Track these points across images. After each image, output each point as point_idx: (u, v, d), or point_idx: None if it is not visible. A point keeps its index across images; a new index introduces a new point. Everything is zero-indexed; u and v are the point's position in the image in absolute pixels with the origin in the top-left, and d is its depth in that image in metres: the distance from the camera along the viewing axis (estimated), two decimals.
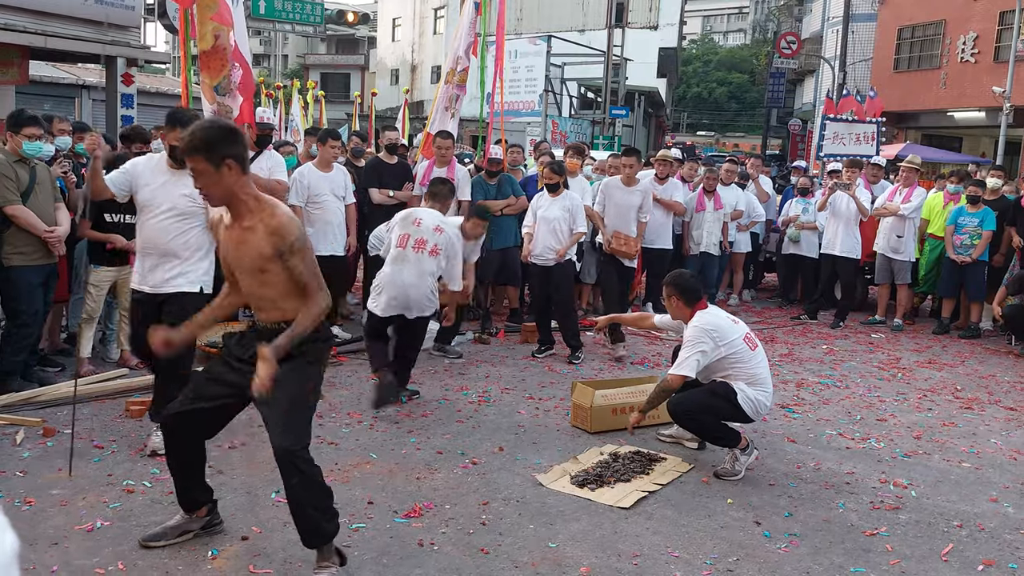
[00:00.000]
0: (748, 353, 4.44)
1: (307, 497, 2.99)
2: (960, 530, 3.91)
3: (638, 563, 3.41)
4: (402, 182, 7.71)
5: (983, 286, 8.60)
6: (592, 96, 27.13)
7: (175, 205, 4.33)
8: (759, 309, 9.98)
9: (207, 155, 2.92)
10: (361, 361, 6.36)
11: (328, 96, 23.72)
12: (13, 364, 5.24)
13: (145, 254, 4.39)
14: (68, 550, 3.30)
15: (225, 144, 2.95)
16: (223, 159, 2.93)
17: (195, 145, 2.93)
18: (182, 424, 3.22)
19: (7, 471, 4.05)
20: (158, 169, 4.38)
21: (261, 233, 2.99)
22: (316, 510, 2.99)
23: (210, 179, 2.95)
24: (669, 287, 4.59)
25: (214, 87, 6.49)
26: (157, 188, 4.33)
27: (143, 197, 4.36)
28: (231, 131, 3.04)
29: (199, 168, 2.94)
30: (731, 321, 4.54)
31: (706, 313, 4.50)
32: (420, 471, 4.31)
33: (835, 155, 10.72)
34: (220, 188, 2.97)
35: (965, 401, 6.21)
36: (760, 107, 47.04)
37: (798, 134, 32.60)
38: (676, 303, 4.56)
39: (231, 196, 3.01)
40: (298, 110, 15.90)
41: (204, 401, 3.19)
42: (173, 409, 3.24)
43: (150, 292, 4.37)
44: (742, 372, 4.41)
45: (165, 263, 4.36)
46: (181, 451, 3.28)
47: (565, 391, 5.68)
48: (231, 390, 3.16)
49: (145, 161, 4.47)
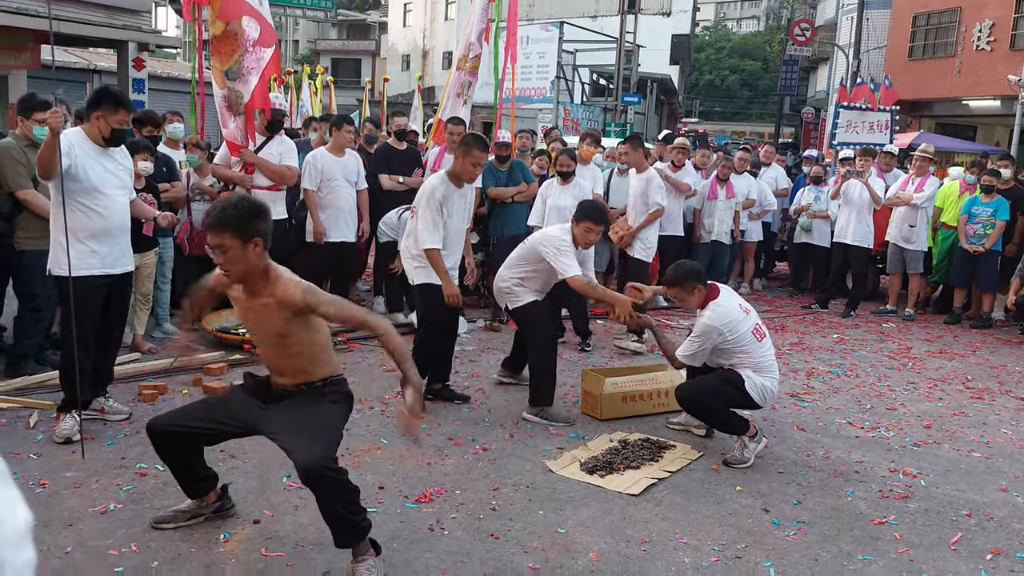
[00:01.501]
0: (754, 344, 4.44)
1: (339, 500, 2.93)
2: (969, 519, 3.91)
3: (647, 549, 3.43)
4: (411, 168, 7.70)
5: (995, 276, 8.55)
6: (604, 83, 27.04)
7: (122, 181, 4.41)
8: (770, 298, 9.96)
9: (237, 232, 2.91)
10: (371, 348, 6.38)
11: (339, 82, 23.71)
12: (26, 347, 5.29)
13: (105, 236, 4.33)
14: (82, 531, 3.34)
15: (256, 221, 2.95)
16: (252, 237, 2.93)
17: (227, 222, 2.91)
18: (172, 438, 3.22)
19: (22, 453, 4.10)
20: (89, 148, 4.26)
21: (277, 308, 3.02)
22: (348, 511, 2.95)
23: (235, 255, 2.94)
24: (677, 287, 4.54)
25: (225, 72, 6.51)
26: (102, 169, 4.30)
27: (94, 180, 4.23)
28: (261, 209, 3.04)
29: (226, 244, 2.91)
30: (742, 311, 4.51)
31: (718, 305, 4.45)
32: (431, 457, 4.33)
33: (848, 143, 10.65)
34: (243, 265, 2.97)
35: (976, 391, 6.19)
36: (773, 95, 46.74)
37: (811, 122, 32.37)
38: (698, 291, 4.51)
39: (251, 273, 3.01)
40: (308, 96, 15.90)
41: (205, 423, 3.21)
42: (167, 423, 3.24)
43: (120, 274, 4.46)
44: (748, 360, 4.42)
45: (122, 240, 4.45)
46: (171, 457, 3.30)
47: (575, 378, 5.69)
48: (238, 424, 3.20)
49: (75, 139, 4.23)
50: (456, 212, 5.17)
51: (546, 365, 5.11)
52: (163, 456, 3.30)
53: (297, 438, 2.93)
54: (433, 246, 5.00)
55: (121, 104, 4.29)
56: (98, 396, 4.63)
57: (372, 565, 2.98)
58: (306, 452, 2.85)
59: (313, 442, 2.89)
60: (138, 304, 5.83)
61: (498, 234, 7.53)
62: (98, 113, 4.23)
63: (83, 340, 4.23)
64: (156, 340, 6.22)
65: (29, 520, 0.75)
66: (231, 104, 6.56)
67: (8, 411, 4.66)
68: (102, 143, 4.29)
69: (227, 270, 2.98)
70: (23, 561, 0.72)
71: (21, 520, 0.73)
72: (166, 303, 6.50)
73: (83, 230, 4.24)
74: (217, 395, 4.72)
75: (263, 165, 6.54)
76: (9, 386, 4.98)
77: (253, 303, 3.08)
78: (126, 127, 4.40)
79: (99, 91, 4.40)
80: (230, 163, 6.64)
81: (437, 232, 5.01)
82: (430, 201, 5.02)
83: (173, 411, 3.42)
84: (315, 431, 2.96)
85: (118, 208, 4.39)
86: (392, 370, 5.87)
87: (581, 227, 5.04)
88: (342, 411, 3.19)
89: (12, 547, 0.71)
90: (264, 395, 3.20)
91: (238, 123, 6.56)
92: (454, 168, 5.12)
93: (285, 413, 3.06)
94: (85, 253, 4.26)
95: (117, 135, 4.32)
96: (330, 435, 3.03)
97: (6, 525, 0.71)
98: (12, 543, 0.71)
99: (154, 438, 3.23)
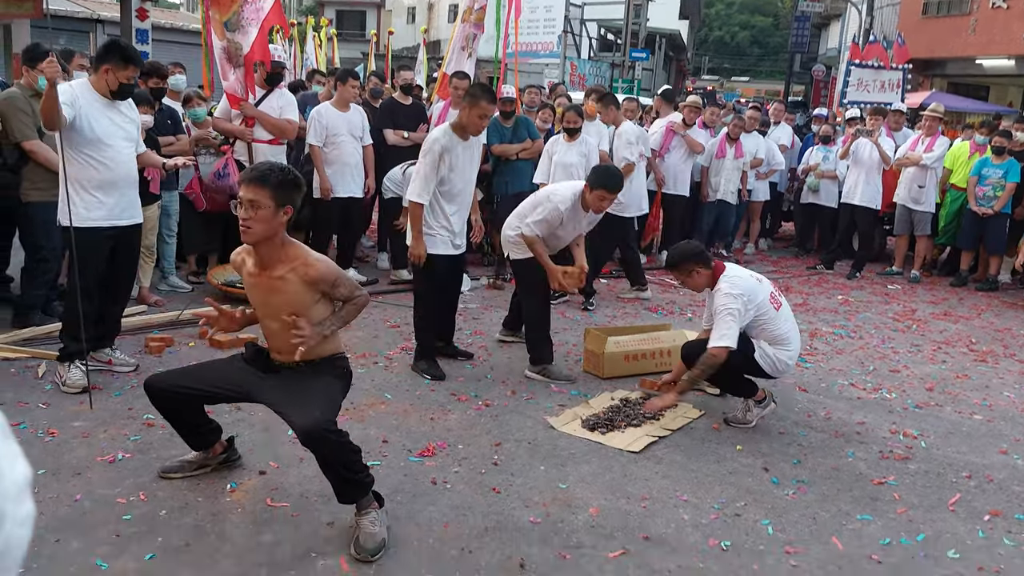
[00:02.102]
0: (772, 312, 4.34)
1: (341, 462, 2.94)
2: (969, 481, 3.94)
3: (646, 506, 3.47)
4: (417, 123, 7.64)
5: (1004, 239, 8.51)
6: (612, 38, 26.68)
7: (128, 134, 4.39)
8: (775, 258, 9.94)
9: (275, 194, 2.93)
10: (376, 304, 6.40)
11: (343, 34, 23.42)
12: (34, 298, 5.32)
13: (111, 187, 4.34)
14: (91, 480, 3.39)
15: (295, 192, 3.01)
16: (285, 204, 2.97)
17: (270, 180, 2.93)
18: (171, 396, 3.24)
19: (30, 403, 4.14)
20: (95, 100, 4.26)
21: (297, 283, 3.02)
22: (350, 471, 2.97)
23: (265, 214, 2.93)
24: (679, 268, 4.37)
25: (224, 23, 6.42)
26: (108, 122, 4.29)
27: (99, 131, 4.23)
28: (302, 184, 3.09)
29: (261, 201, 2.92)
30: (755, 280, 4.39)
31: (731, 276, 4.31)
32: (434, 412, 4.37)
33: (859, 102, 10.54)
34: (267, 228, 2.96)
35: (980, 354, 6.20)
36: (783, 52, 46.09)
37: (821, 80, 31.94)
38: (696, 273, 4.33)
39: (271, 239, 3.01)
40: (313, 48, 15.71)
41: (203, 386, 3.22)
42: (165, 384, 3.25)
43: (127, 226, 4.46)
44: (765, 333, 4.34)
45: (130, 192, 4.45)
46: (172, 414, 3.32)
47: (578, 337, 5.71)
48: (236, 391, 3.22)
49: (80, 91, 4.23)
50: (461, 166, 4.94)
51: (538, 320, 5.13)
52: (163, 413, 3.33)
53: (296, 405, 2.94)
54: (418, 200, 4.81)
55: (131, 60, 4.26)
56: (105, 347, 4.66)
57: (375, 518, 3.02)
58: (306, 416, 2.86)
59: (313, 407, 2.91)
60: (143, 256, 5.84)
61: (502, 192, 7.48)
62: (107, 67, 4.21)
63: (87, 290, 4.25)
64: (162, 293, 6.25)
65: (28, 474, 0.77)
66: (231, 56, 6.50)
67: (16, 361, 4.70)
68: (109, 96, 4.27)
69: (249, 227, 2.95)
70: (23, 514, 0.73)
71: (20, 474, 0.74)
72: (171, 257, 6.51)
73: (89, 181, 4.24)
74: (223, 347, 4.76)
75: (263, 119, 6.49)
76: (17, 336, 5.01)
77: (264, 276, 3.07)
78: (134, 82, 4.38)
79: (108, 44, 4.34)
80: (230, 116, 6.59)
81: (429, 185, 4.81)
82: (428, 152, 4.82)
83: (172, 372, 3.42)
84: (314, 398, 2.97)
85: (124, 160, 4.37)
86: (396, 326, 5.91)
87: (595, 194, 4.92)
88: (341, 385, 3.20)
89: (12, 500, 0.72)
90: (263, 365, 3.21)
91: (238, 75, 6.50)
92: (460, 120, 4.90)
93: (284, 383, 3.06)
94: (92, 204, 4.27)
95: (124, 89, 4.30)
96: (329, 402, 3.03)
97: (5, 479, 0.72)
98: (12, 496, 0.72)
99: (152, 397, 3.25)
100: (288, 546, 2.99)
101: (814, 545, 3.24)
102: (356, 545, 2.95)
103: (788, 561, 3.10)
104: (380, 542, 2.97)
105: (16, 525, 0.72)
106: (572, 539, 3.16)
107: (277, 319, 3.08)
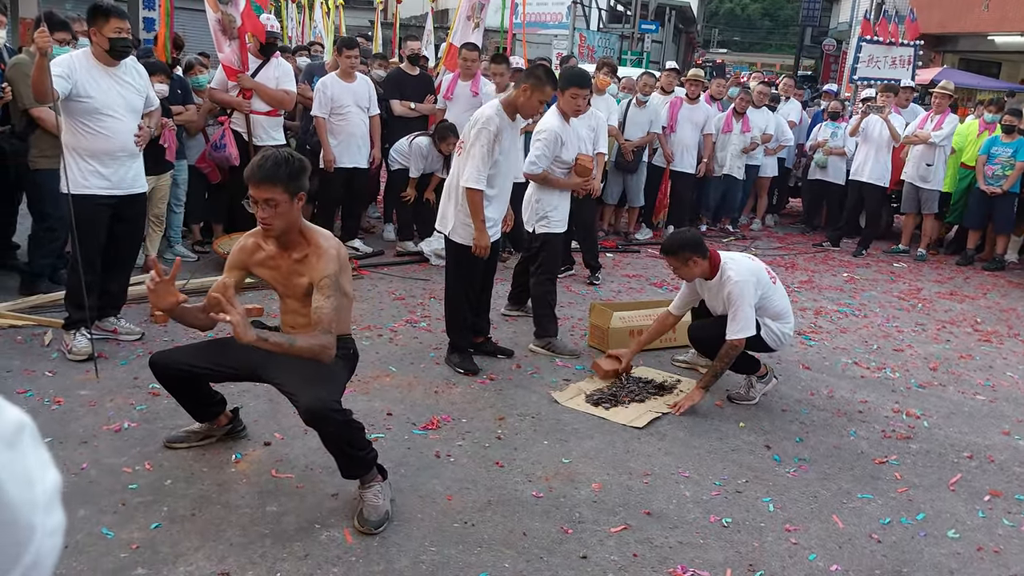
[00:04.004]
0: (771, 288, 4.35)
1: (345, 439, 2.95)
2: (970, 461, 3.96)
3: (648, 481, 3.49)
4: (424, 94, 7.60)
5: (1012, 218, 8.47)
6: (622, 9, 26.40)
7: (129, 103, 4.35)
8: (782, 235, 9.91)
9: (287, 188, 2.91)
10: (381, 275, 6.41)
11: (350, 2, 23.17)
12: (41, 266, 5.33)
13: (111, 157, 4.32)
14: (97, 448, 3.42)
15: (303, 177, 2.99)
16: (298, 192, 2.95)
17: (279, 177, 2.90)
18: (175, 374, 3.24)
19: (36, 371, 4.16)
20: (94, 68, 4.22)
21: (314, 260, 3.02)
22: (354, 448, 2.97)
23: (284, 209, 2.93)
24: (676, 256, 4.26)
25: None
26: (108, 90, 4.25)
27: (97, 102, 4.20)
28: (307, 167, 3.06)
29: (277, 199, 2.90)
30: (751, 260, 4.40)
31: (731, 261, 4.28)
32: (438, 385, 4.39)
33: (869, 79, 10.43)
34: (287, 219, 2.96)
35: (984, 334, 6.20)
36: (794, 25, 45.62)
37: (832, 55, 31.64)
38: (692, 263, 4.25)
39: (291, 228, 3.01)
40: (321, 17, 15.57)
41: (209, 364, 3.22)
42: (170, 361, 3.25)
43: (127, 195, 4.45)
44: (767, 310, 4.34)
45: (130, 161, 4.42)
46: (175, 389, 3.33)
47: (583, 311, 5.71)
48: (241, 370, 3.22)
49: (78, 61, 4.20)
50: (508, 150, 4.49)
51: (544, 296, 5.11)
52: (167, 388, 3.34)
53: (300, 384, 2.93)
54: (476, 186, 4.34)
55: (110, 12, 4.16)
56: (111, 316, 4.68)
57: (379, 490, 3.04)
58: (310, 394, 2.86)
59: (318, 387, 2.91)
60: (151, 225, 5.84)
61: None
62: (92, 29, 4.17)
63: (88, 259, 4.24)
64: (168, 261, 6.25)
65: (58, 482, 0.74)
66: (225, 28, 6.47)
67: (24, 329, 4.72)
68: (108, 59, 4.23)
69: (270, 224, 2.95)
70: (53, 524, 0.71)
71: (51, 483, 0.72)
72: (179, 226, 6.52)
73: (86, 150, 4.23)
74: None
75: (261, 90, 6.47)
76: (24, 304, 5.03)
77: (284, 259, 3.08)
78: (124, 35, 4.22)
79: (89, 7, 4.28)
80: (227, 87, 6.55)
81: (486, 168, 4.35)
82: (482, 132, 4.33)
83: (177, 349, 3.43)
84: (318, 378, 2.97)
85: (124, 130, 4.33)
86: (401, 298, 5.91)
87: (567, 95, 4.70)
88: (346, 367, 3.21)
89: (43, 510, 0.70)
90: None
91: (233, 47, 6.48)
92: (515, 100, 4.44)
93: (288, 362, 3.06)
94: (90, 173, 4.26)
95: (117, 44, 4.19)
96: (333, 382, 3.03)
97: (36, 488, 0.69)
98: (43, 506, 0.70)
99: (157, 373, 3.27)
100: (292, 517, 3.02)
101: (814, 523, 3.26)
102: (360, 517, 2.97)
103: (788, 539, 3.12)
104: (384, 514, 2.99)
105: (47, 536, 0.70)
106: (574, 514, 3.19)
107: (298, 298, 3.09)
